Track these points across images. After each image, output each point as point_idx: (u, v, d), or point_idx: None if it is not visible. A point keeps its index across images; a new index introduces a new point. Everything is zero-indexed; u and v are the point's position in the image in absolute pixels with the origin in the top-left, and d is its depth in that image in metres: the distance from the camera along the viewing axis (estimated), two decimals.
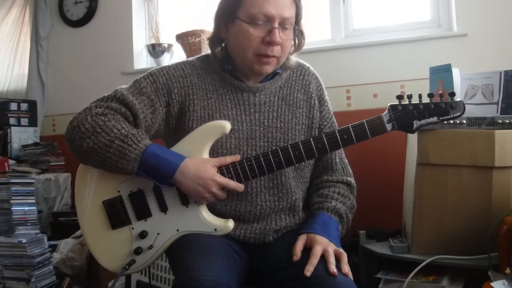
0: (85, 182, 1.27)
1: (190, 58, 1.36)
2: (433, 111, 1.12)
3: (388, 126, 1.15)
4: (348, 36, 2.43)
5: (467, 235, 1.45)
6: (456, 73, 1.62)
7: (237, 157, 1.21)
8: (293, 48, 1.31)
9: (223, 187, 1.18)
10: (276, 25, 1.20)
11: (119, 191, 1.24)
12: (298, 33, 1.29)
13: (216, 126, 1.21)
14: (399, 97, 1.14)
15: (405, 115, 1.14)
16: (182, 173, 1.15)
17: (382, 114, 1.16)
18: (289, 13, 1.22)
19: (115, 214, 1.23)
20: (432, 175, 1.49)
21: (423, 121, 1.12)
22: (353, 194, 1.34)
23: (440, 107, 1.11)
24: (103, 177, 1.24)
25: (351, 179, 1.35)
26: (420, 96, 1.14)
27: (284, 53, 1.25)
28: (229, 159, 1.20)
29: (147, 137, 1.21)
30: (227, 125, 1.20)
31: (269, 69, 1.25)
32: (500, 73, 1.56)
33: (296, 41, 1.30)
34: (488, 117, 1.46)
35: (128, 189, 1.23)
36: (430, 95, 1.12)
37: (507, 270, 1.21)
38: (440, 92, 1.14)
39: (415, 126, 1.13)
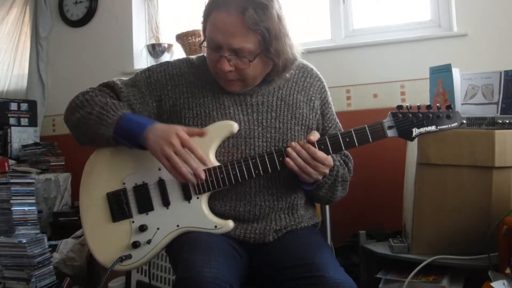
0: (91, 174, 1.28)
1: (191, 56, 1.37)
2: (431, 120, 1.16)
3: (389, 132, 1.17)
4: (348, 36, 2.43)
5: (467, 235, 1.45)
6: (456, 73, 1.62)
7: (203, 131, 1.19)
8: (271, 68, 1.22)
9: (184, 140, 1.13)
10: (226, 53, 1.16)
11: (124, 183, 1.25)
12: (274, 56, 1.17)
13: (224, 126, 1.22)
14: (399, 107, 1.17)
15: (405, 123, 1.16)
16: (151, 131, 1.16)
17: (383, 120, 1.17)
18: (240, 43, 1.14)
19: (118, 206, 1.24)
20: (432, 175, 1.49)
21: (422, 129, 1.16)
22: (349, 169, 1.35)
23: (438, 117, 1.15)
24: (110, 169, 1.26)
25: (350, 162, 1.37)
26: (419, 107, 1.17)
27: (246, 76, 1.20)
28: (196, 130, 1.19)
29: (129, 111, 1.24)
30: (235, 125, 1.22)
31: (234, 88, 1.24)
32: (500, 73, 1.56)
33: (277, 61, 1.19)
34: (488, 117, 1.46)
35: (133, 181, 1.24)
36: (428, 107, 1.16)
37: (507, 270, 1.21)
38: (437, 104, 1.18)
39: (414, 133, 1.16)
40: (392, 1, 2.40)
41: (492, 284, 1.20)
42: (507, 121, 1.44)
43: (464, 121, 1.43)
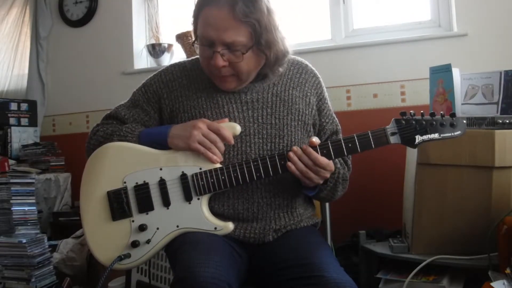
0: (92, 172, 1.28)
1: (182, 60, 1.40)
2: (434, 128, 1.15)
3: (392, 139, 1.17)
4: (348, 36, 2.43)
5: (467, 235, 1.45)
6: (456, 73, 1.62)
7: (225, 120, 1.24)
8: (264, 62, 1.23)
9: (208, 123, 1.20)
10: (218, 49, 1.17)
11: (125, 182, 1.25)
12: (265, 48, 1.19)
13: (228, 127, 1.22)
14: (403, 113, 1.17)
15: (408, 129, 1.16)
16: (172, 130, 1.23)
17: (386, 126, 1.17)
18: (233, 37, 1.16)
19: (118, 205, 1.24)
20: (432, 175, 1.49)
21: (425, 137, 1.15)
22: (348, 167, 1.35)
23: (442, 124, 1.15)
24: (111, 168, 1.26)
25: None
26: (422, 114, 1.16)
27: (240, 71, 1.21)
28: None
29: (143, 128, 1.30)
30: (237, 127, 1.22)
31: (229, 85, 1.25)
32: (500, 73, 1.56)
33: (269, 54, 1.20)
34: (488, 117, 1.46)
35: (134, 181, 1.24)
36: (432, 114, 1.16)
37: (507, 270, 1.21)
38: (442, 112, 1.16)
39: (417, 141, 1.16)
40: (392, 1, 2.40)
41: (492, 284, 1.20)
42: (507, 121, 1.44)
43: (464, 121, 1.43)
